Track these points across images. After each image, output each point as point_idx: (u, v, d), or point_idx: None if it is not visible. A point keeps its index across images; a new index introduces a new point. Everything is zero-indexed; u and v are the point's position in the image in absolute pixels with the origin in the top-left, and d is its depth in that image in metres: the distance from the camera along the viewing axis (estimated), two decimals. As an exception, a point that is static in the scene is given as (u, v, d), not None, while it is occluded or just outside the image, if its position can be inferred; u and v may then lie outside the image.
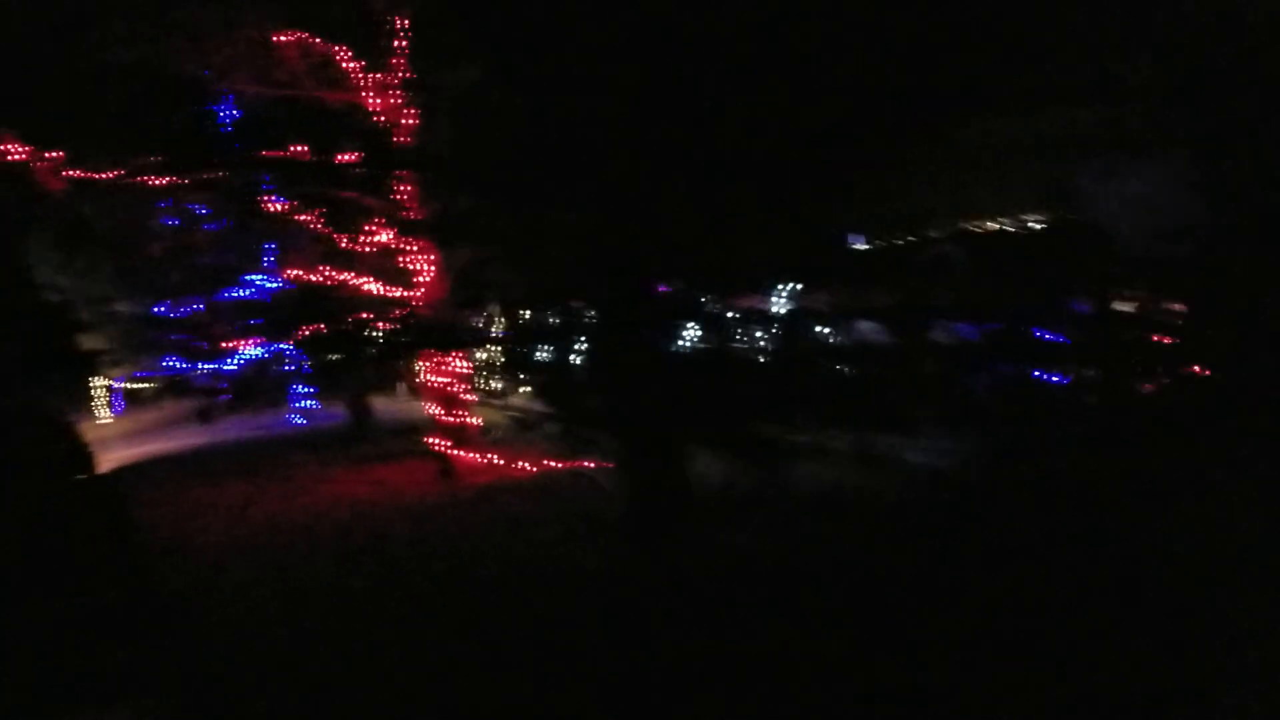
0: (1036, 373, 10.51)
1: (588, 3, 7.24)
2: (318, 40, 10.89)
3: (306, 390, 18.83)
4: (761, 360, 8.78)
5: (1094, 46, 8.44)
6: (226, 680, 6.16)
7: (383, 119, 10.83)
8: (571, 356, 8.22)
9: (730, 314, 9.37)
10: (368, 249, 11.73)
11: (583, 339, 8.27)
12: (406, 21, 10.77)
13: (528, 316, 8.37)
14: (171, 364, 18.97)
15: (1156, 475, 7.92)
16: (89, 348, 23.90)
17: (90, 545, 7.37)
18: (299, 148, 10.36)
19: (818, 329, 10.64)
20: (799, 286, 11.10)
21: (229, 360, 17.04)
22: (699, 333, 9.06)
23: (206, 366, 18.17)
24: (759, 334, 10.47)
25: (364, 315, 12.15)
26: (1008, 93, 8.64)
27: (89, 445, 15.59)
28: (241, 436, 18.36)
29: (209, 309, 15.03)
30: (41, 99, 10.01)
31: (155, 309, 18.16)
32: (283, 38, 10.73)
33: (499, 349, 9.59)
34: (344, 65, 10.96)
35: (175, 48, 9.76)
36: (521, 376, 8.44)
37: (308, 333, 12.10)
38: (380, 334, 11.62)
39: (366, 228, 11.50)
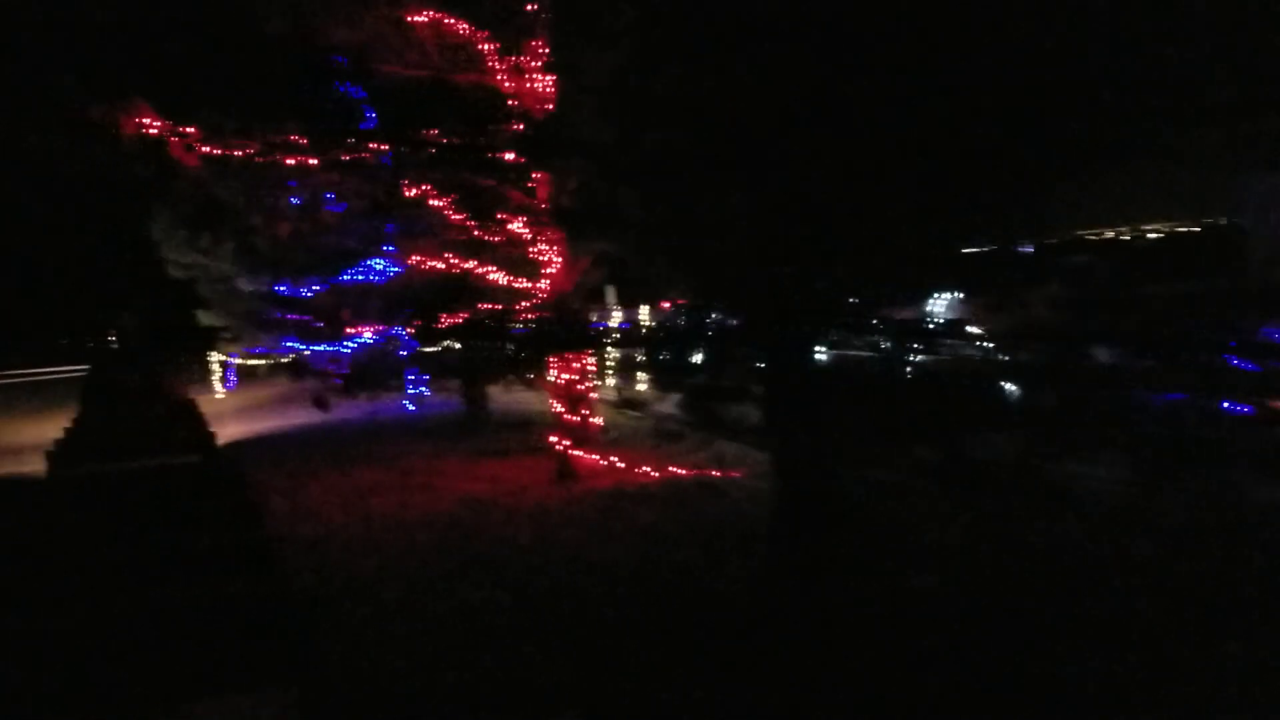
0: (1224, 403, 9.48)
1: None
2: (457, 21, 10.46)
3: (419, 377, 18.61)
4: (929, 374, 7.99)
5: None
6: (354, 678, 5.92)
7: (527, 104, 10.35)
8: (713, 361, 7.63)
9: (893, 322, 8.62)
10: (498, 238, 11.30)
11: (736, 343, 7.59)
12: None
13: (681, 316, 7.79)
14: (289, 344, 18.99)
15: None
16: (207, 324, 24.28)
17: (213, 526, 7.31)
18: (438, 131, 9.94)
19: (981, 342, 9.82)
20: (959, 294, 10.24)
21: (346, 343, 16.91)
22: (860, 342, 8.34)
23: (323, 348, 18.12)
24: (919, 345, 9.67)
25: (494, 306, 11.72)
26: (1220, 101, 7.77)
27: (206, 421, 15.68)
28: (352, 418, 18.27)
29: (330, 291, 14.79)
30: (180, 69, 9.79)
31: (276, 288, 18.18)
32: (421, 17, 10.34)
33: (643, 349, 8.99)
34: (483, 48, 10.51)
35: (323, 22, 9.42)
36: (665, 380, 7.88)
37: (443, 322, 11.71)
38: (518, 326, 11.15)
39: (501, 216, 11.06)
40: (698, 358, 8.53)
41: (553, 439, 11.65)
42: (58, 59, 10.68)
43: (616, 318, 16.14)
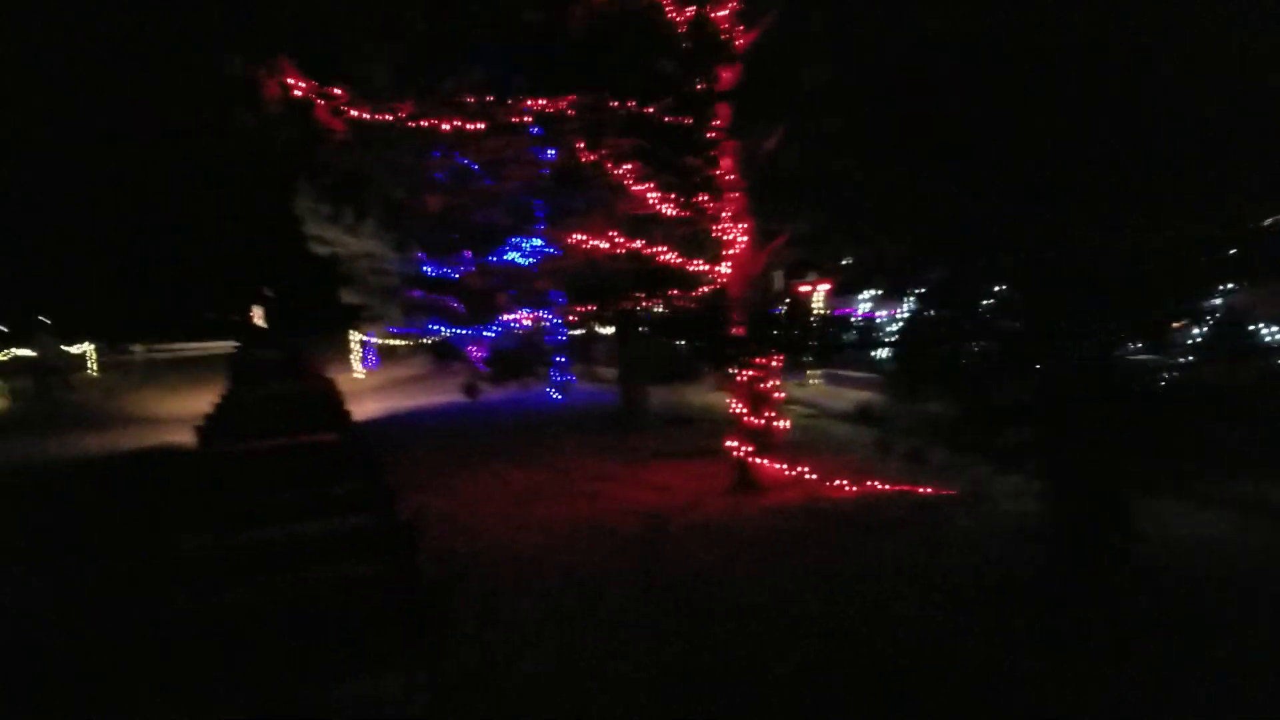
0: None
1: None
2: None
3: (567, 364, 17.42)
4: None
5: None
6: (503, 677, 5.40)
7: (741, 49, 8.84)
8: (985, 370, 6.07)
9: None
10: (686, 212, 9.86)
11: (1014, 348, 5.93)
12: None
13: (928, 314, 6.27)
14: (433, 326, 18.08)
15: None
16: (348, 303, 23.73)
17: (354, 505, 7.13)
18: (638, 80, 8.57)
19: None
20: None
21: (493, 328, 15.83)
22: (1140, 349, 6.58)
23: (468, 332, 17.11)
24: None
25: (670, 292, 10.34)
26: None
27: (344, 402, 14.84)
28: (497, 405, 17.23)
29: (479, 272, 13.65)
30: (330, 15, 8.70)
31: (423, 268, 17.27)
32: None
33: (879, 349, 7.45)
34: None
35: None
36: (906, 387, 6.40)
37: (608, 308, 10.41)
38: (689, 314, 9.76)
39: (689, 185, 9.62)
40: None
41: (730, 443, 10.18)
42: (202, 14, 9.79)
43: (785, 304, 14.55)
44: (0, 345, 33.79)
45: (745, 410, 10.10)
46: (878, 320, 11.14)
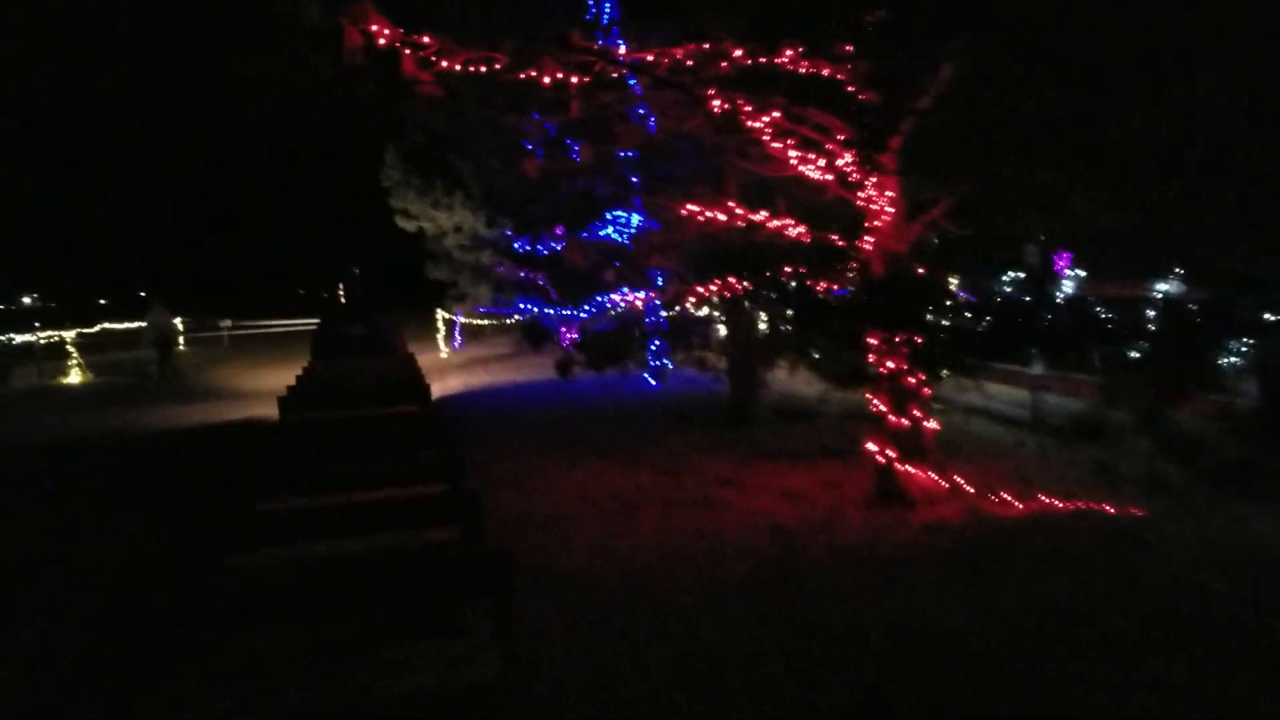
0: None
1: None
2: None
3: (664, 348, 16.13)
4: None
5: None
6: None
7: None
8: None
9: None
10: (830, 175, 8.46)
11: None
12: None
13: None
14: (522, 305, 16.99)
15: None
16: (435, 278, 22.90)
17: (430, 474, 7.08)
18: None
19: None
20: None
21: (587, 308, 14.63)
22: None
23: (561, 312, 15.96)
24: None
25: (797, 269, 8.98)
26: None
27: (424, 377, 14.22)
28: (588, 389, 16.06)
29: (577, 247, 12.42)
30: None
31: (514, 244, 16.16)
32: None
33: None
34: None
35: None
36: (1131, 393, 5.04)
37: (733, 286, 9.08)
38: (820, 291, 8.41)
39: (830, 147, 8.22)
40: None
41: (870, 446, 8.78)
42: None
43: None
44: (120, 317, 33.88)
45: (888, 409, 8.68)
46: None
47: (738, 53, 8.02)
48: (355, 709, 4.09)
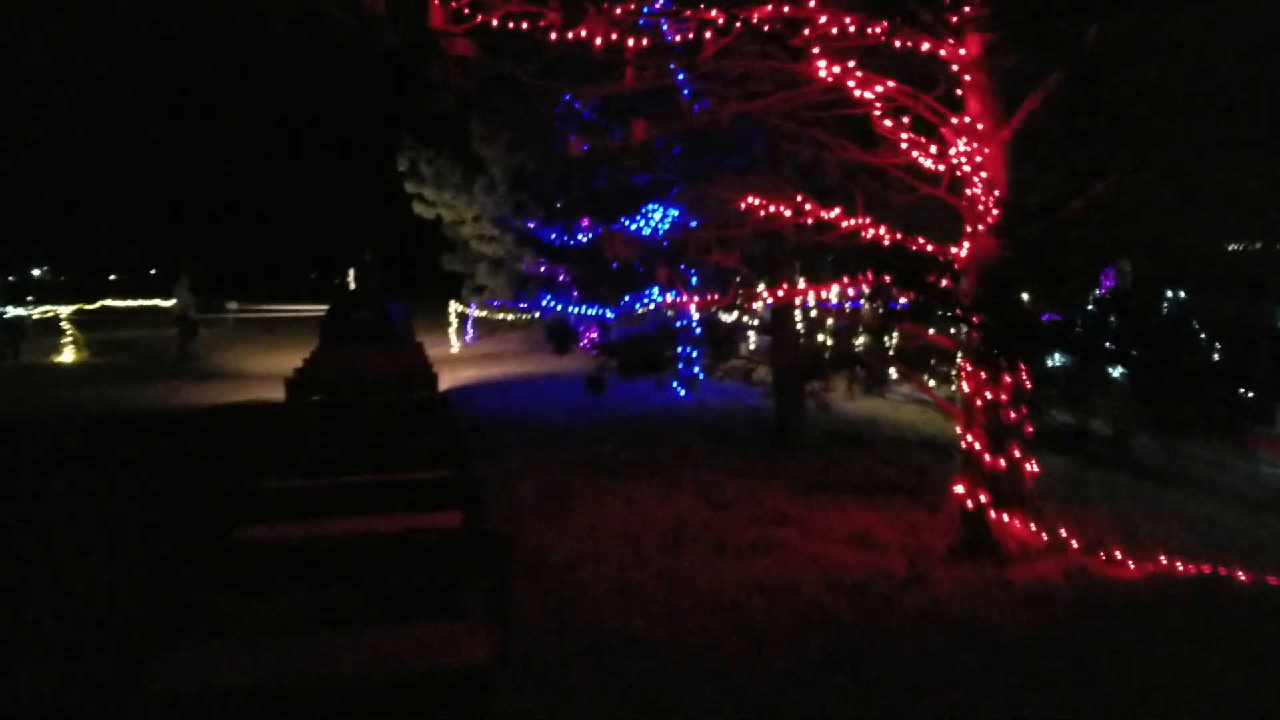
0: None
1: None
2: None
3: (697, 356, 14.85)
4: None
5: None
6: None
7: None
8: None
9: None
10: (941, 163, 7.18)
11: None
12: None
13: None
14: (545, 302, 15.72)
15: None
16: (452, 269, 21.70)
17: (432, 460, 7.22)
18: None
19: None
20: None
21: (618, 309, 13.38)
22: None
23: (588, 311, 14.70)
24: None
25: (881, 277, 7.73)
26: None
27: (431, 365, 14.54)
28: (613, 396, 14.77)
29: (616, 241, 11.15)
30: None
31: (540, 234, 14.91)
32: None
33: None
34: None
35: None
36: None
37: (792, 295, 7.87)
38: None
39: (944, 130, 6.94)
40: None
41: (957, 488, 7.50)
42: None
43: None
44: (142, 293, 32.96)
45: (982, 446, 7.40)
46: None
47: (847, 20, 6.76)
48: (350, 682, 4.02)
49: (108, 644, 5.58)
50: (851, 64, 6.49)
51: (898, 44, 6.96)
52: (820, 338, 15.05)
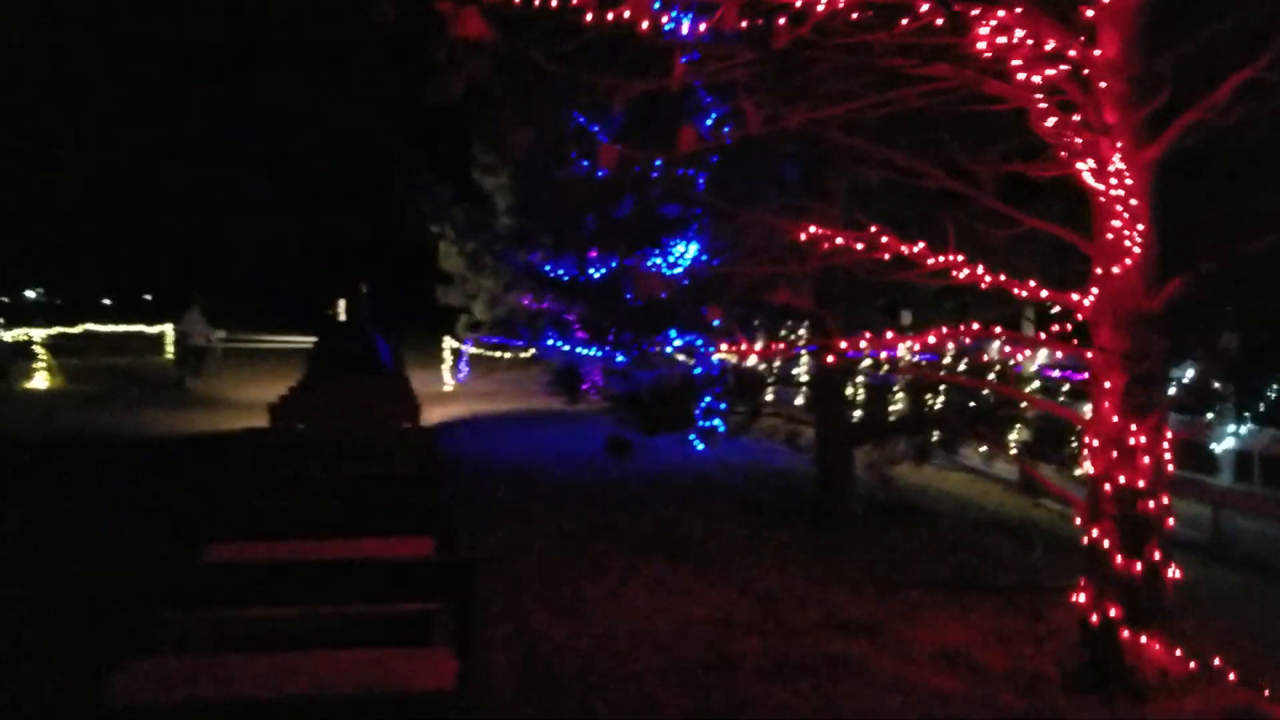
0: None
1: None
2: None
3: (720, 408, 13.29)
4: None
5: None
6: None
7: None
8: None
9: None
10: (1098, 182, 5.70)
11: None
12: None
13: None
14: (550, 342, 14.22)
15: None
16: (446, 304, 20.38)
17: (409, 487, 7.62)
18: None
19: None
20: None
21: (632, 353, 11.88)
22: None
23: (596, 353, 13.20)
24: None
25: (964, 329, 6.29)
26: None
27: (416, 398, 14.34)
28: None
29: (642, 278, 9.65)
30: None
31: (547, 266, 13.43)
32: None
33: None
34: None
35: None
36: None
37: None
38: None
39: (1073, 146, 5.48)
40: None
41: (1080, 598, 5.94)
42: None
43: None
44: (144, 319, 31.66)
45: (1111, 543, 5.85)
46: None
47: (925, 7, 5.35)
48: (313, 705, 3.94)
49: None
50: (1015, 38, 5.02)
51: (1020, 35, 5.52)
52: (861, 395, 13.52)
